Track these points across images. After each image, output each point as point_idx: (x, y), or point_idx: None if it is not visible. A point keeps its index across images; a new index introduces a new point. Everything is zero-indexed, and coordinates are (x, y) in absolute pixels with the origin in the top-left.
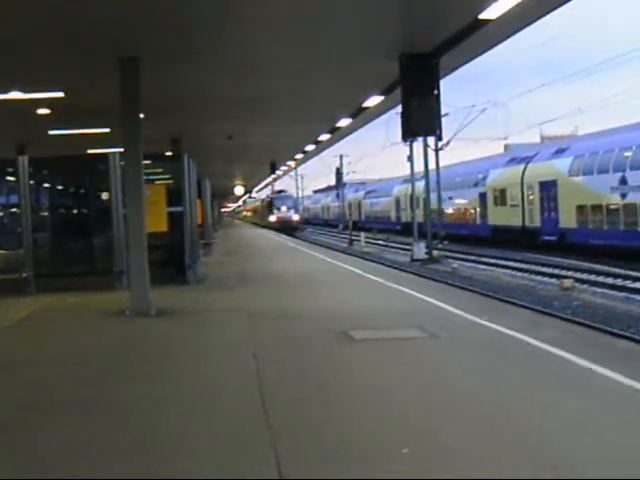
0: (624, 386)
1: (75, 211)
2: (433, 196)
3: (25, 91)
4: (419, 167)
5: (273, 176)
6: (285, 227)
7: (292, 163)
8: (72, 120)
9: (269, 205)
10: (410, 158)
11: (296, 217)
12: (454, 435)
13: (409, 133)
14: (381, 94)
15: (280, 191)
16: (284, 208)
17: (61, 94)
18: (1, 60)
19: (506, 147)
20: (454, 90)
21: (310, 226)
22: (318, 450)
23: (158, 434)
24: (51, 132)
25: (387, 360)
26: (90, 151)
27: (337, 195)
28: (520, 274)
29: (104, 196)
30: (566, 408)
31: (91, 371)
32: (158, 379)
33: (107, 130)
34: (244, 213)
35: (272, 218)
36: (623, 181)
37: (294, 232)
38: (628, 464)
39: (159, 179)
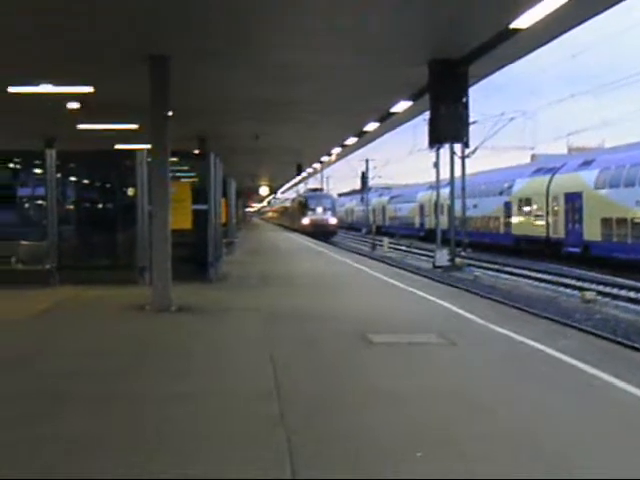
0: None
1: (100, 205)
2: (458, 203)
3: (55, 84)
4: (445, 174)
5: (299, 177)
6: (320, 232)
7: (318, 165)
8: (101, 115)
9: (302, 205)
10: (436, 165)
11: (333, 220)
12: (469, 441)
13: (436, 140)
14: (409, 99)
15: (315, 189)
16: (320, 209)
17: (91, 89)
18: (34, 52)
19: (533, 157)
20: (483, 98)
21: None
22: (333, 451)
23: (170, 429)
24: (80, 126)
25: (404, 364)
26: (117, 146)
27: (361, 199)
28: (542, 285)
29: (130, 192)
30: (583, 420)
31: (110, 364)
32: (174, 375)
33: (135, 126)
34: (269, 214)
35: (305, 220)
36: None
37: (330, 238)
38: None
39: (185, 177)
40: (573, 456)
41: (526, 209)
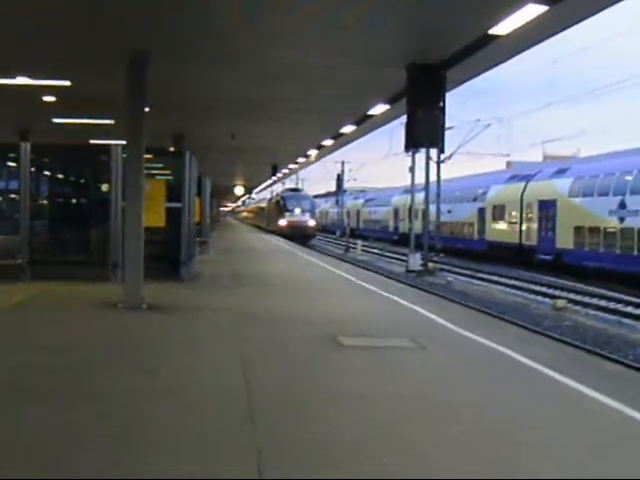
0: (608, 407)
1: (74, 201)
2: (432, 208)
3: (32, 77)
4: (420, 178)
5: (274, 178)
6: (298, 234)
7: (294, 166)
8: (77, 109)
9: (279, 206)
10: (411, 169)
11: (312, 223)
12: (435, 447)
13: (412, 144)
14: (387, 103)
15: (294, 189)
16: (298, 211)
17: (68, 82)
18: (15, 46)
19: (508, 164)
20: (460, 103)
21: None
22: (300, 451)
23: (137, 427)
24: (55, 120)
25: (373, 368)
26: (93, 141)
27: (336, 201)
28: (514, 291)
29: (104, 188)
30: (550, 426)
31: (81, 359)
32: (143, 372)
33: (111, 122)
34: (244, 214)
35: (282, 222)
36: (622, 205)
37: (308, 241)
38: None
39: (160, 174)
40: (535, 462)
41: (500, 216)
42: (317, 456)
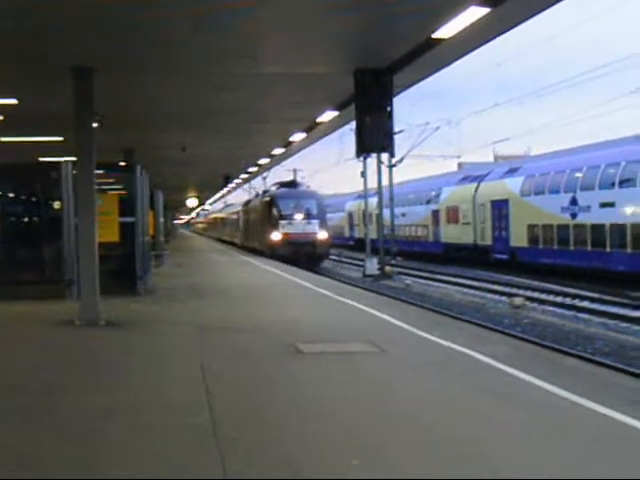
0: (567, 401)
1: (26, 219)
2: (386, 212)
3: None
4: (373, 183)
5: (227, 188)
6: (302, 254)
7: (245, 176)
8: (25, 127)
9: (268, 210)
10: (363, 174)
11: (323, 235)
12: (399, 448)
13: (363, 149)
14: (336, 109)
15: (290, 183)
16: (299, 217)
17: (14, 101)
18: None
19: (459, 165)
20: (410, 107)
21: None
22: (263, 459)
23: (97, 445)
24: (3, 139)
25: (335, 374)
26: (42, 159)
27: None
28: (471, 292)
29: (56, 205)
30: (510, 423)
31: (38, 378)
32: (102, 389)
33: (60, 138)
34: (202, 225)
35: (275, 236)
36: (573, 202)
37: (318, 263)
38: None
39: (111, 189)
40: (495, 460)
41: (454, 217)
42: (281, 462)
